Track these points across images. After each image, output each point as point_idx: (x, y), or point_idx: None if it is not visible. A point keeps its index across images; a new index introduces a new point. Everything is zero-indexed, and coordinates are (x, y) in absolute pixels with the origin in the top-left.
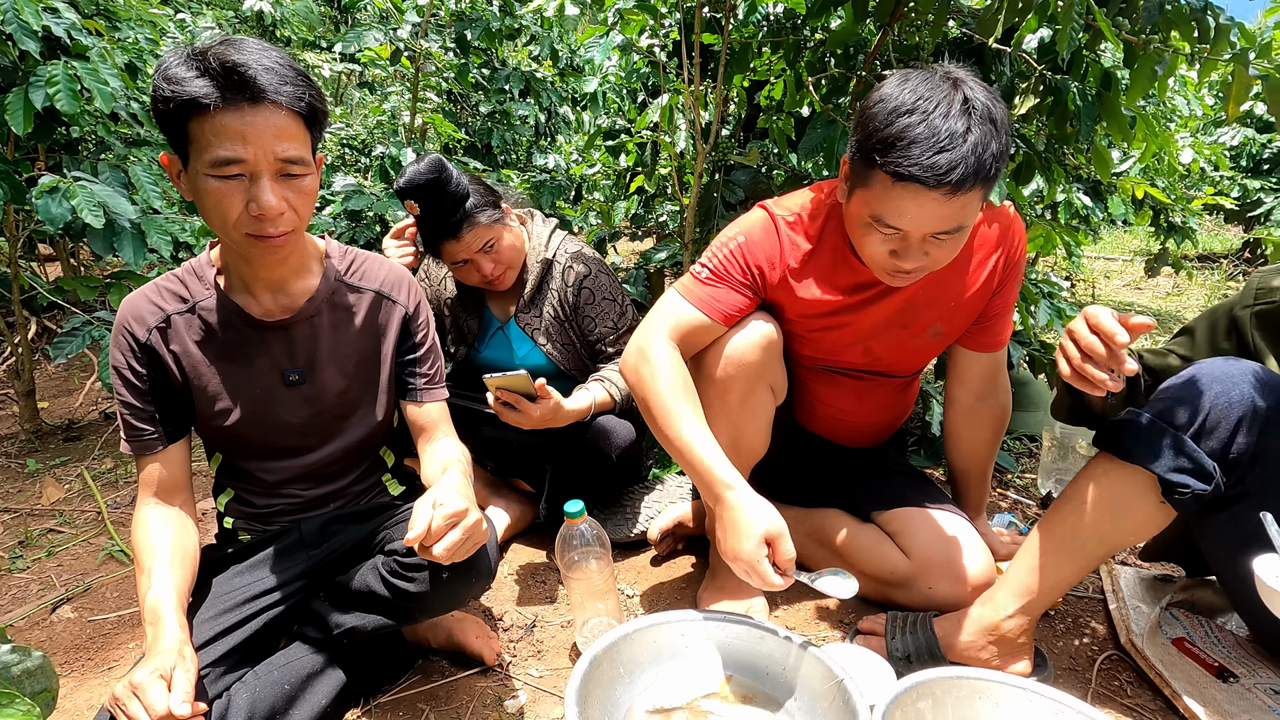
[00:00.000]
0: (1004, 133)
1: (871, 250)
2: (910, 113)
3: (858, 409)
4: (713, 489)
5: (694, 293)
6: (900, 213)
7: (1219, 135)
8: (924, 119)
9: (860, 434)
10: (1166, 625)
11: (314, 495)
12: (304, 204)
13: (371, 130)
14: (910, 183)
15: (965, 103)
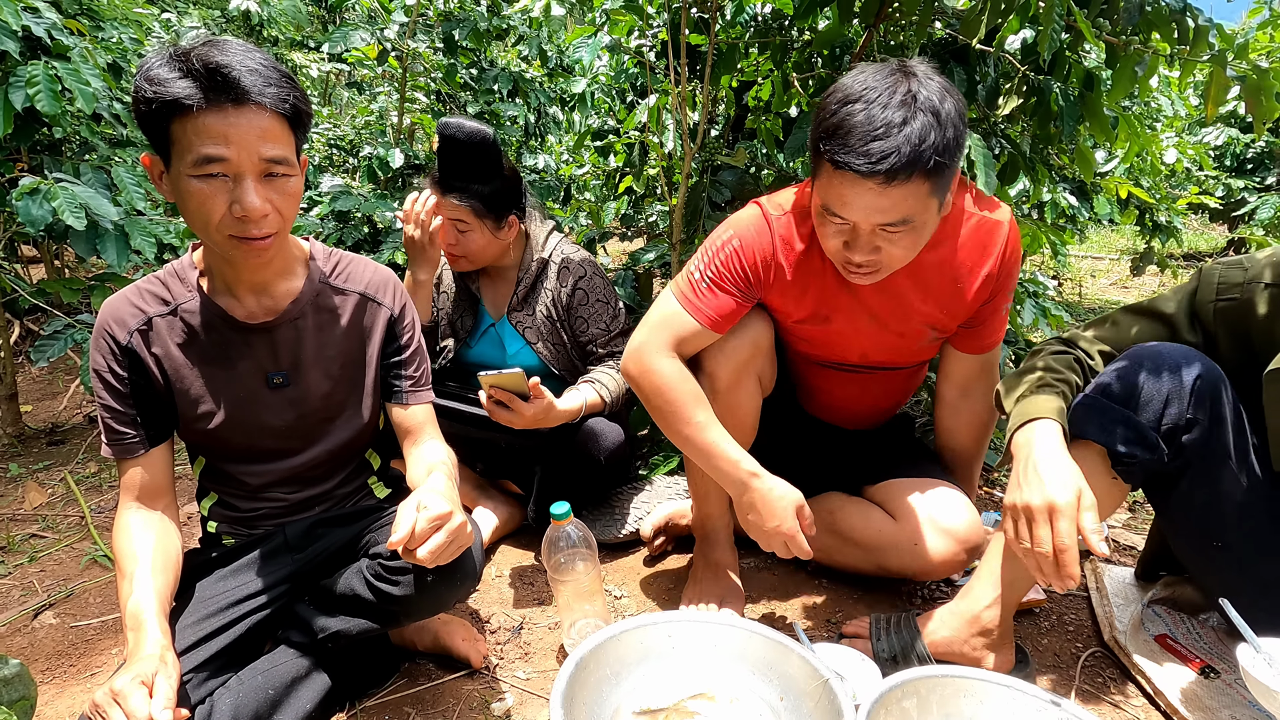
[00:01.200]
0: (950, 126)
1: (827, 243)
2: (854, 101)
3: (861, 397)
4: (740, 480)
5: (692, 302)
6: (842, 202)
7: (1203, 135)
8: (865, 108)
9: (863, 418)
10: (1149, 622)
11: (298, 499)
12: (288, 205)
13: (359, 130)
14: (846, 170)
15: (908, 93)
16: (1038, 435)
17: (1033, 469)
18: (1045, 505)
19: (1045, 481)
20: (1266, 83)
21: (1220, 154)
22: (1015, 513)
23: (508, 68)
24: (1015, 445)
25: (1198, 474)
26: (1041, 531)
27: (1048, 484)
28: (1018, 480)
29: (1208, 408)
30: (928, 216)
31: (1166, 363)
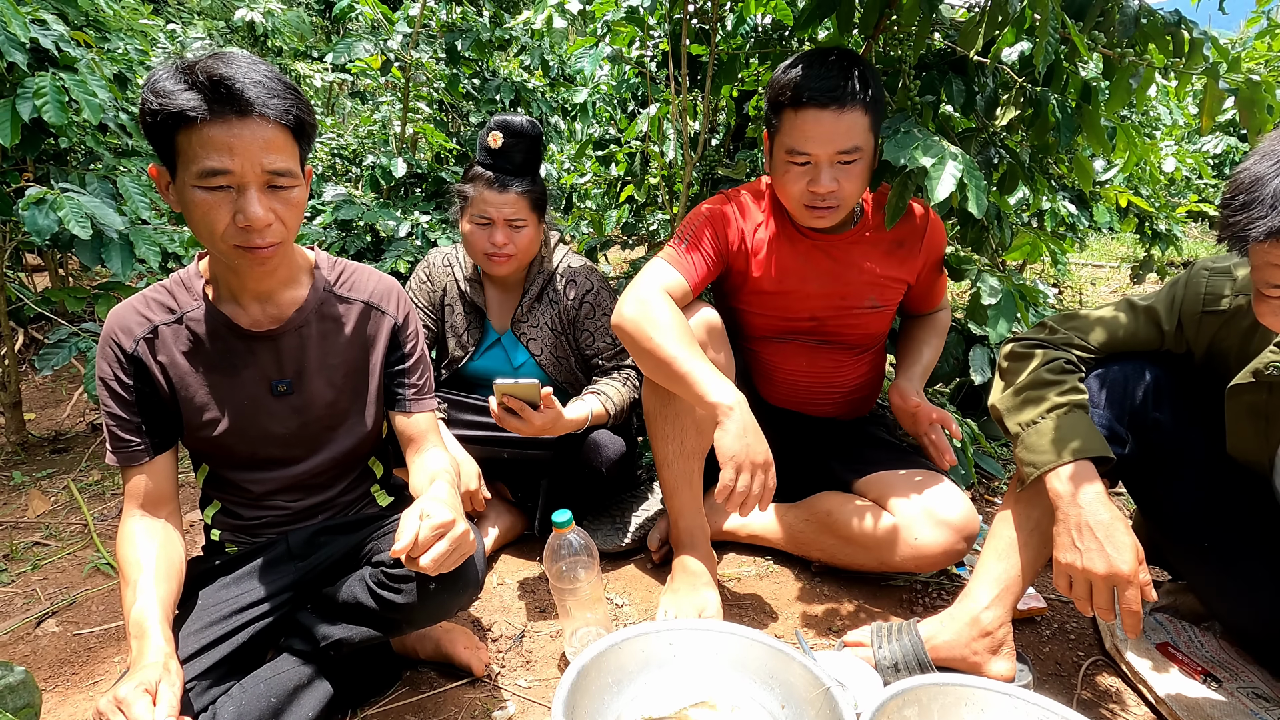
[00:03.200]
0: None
1: (790, 188)
2: (799, 65)
3: (810, 369)
4: (721, 402)
5: (676, 260)
6: (805, 136)
7: (1202, 144)
8: (809, 66)
9: (822, 399)
10: (1150, 630)
11: (302, 506)
12: (292, 216)
13: (362, 140)
14: (808, 107)
15: (839, 57)
16: (1080, 489)
17: (1089, 533)
18: (1108, 575)
19: (1106, 550)
20: (1259, 95)
21: (1219, 162)
22: (1075, 574)
23: (510, 78)
24: (1055, 494)
25: (1173, 473)
26: (1104, 599)
27: (1110, 553)
28: (1072, 542)
29: (1170, 408)
30: (869, 149)
31: (1129, 369)
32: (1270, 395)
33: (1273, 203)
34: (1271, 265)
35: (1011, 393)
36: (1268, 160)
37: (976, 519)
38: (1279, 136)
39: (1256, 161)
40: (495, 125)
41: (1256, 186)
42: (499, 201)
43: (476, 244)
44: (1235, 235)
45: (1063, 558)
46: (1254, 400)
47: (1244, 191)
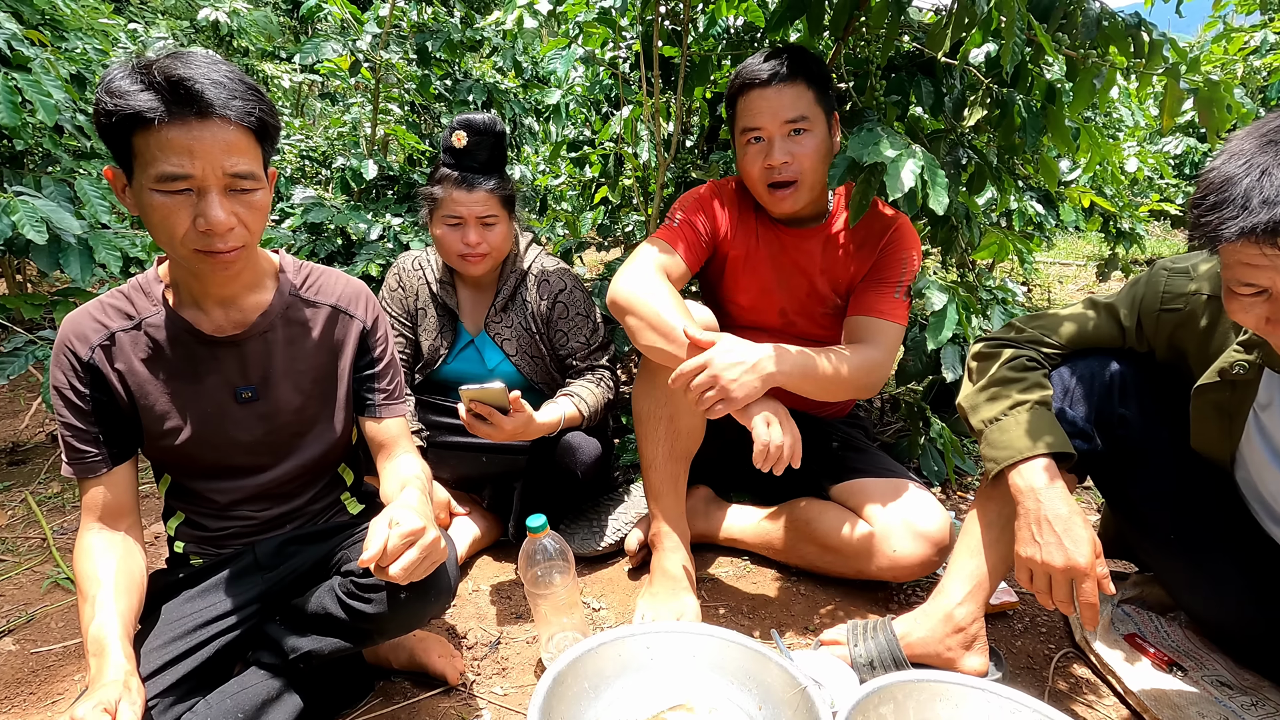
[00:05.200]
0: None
1: (750, 169)
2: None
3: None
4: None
5: (669, 232)
6: (754, 113)
7: (1163, 144)
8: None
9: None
10: (1118, 622)
11: (269, 516)
12: (255, 219)
13: (332, 142)
14: (752, 88)
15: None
16: (1040, 484)
17: (1048, 527)
18: (1066, 568)
19: (1064, 543)
20: (1217, 94)
21: (1180, 162)
22: (1034, 567)
23: (483, 79)
24: (1016, 489)
25: (1138, 467)
26: (1063, 593)
27: (1068, 546)
28: (1032, 535)
29: (1135, 404)
30: (820, 124)
31: (1095, 365)
32: (1233, 393)
33: (1243, 202)
34: (1243, 264)
35: (976, 390)
36: (1237, 160)
37: (951, 529)
38: (1246, 135)
39: (1225, 161)
40: (458, 125)
41: (1227, 186)
42: (469, 200)
43: (449, 245)
44: (1207, 235)
45: (1023, 551)
46: (1218, 399)
47: (1214, 192)
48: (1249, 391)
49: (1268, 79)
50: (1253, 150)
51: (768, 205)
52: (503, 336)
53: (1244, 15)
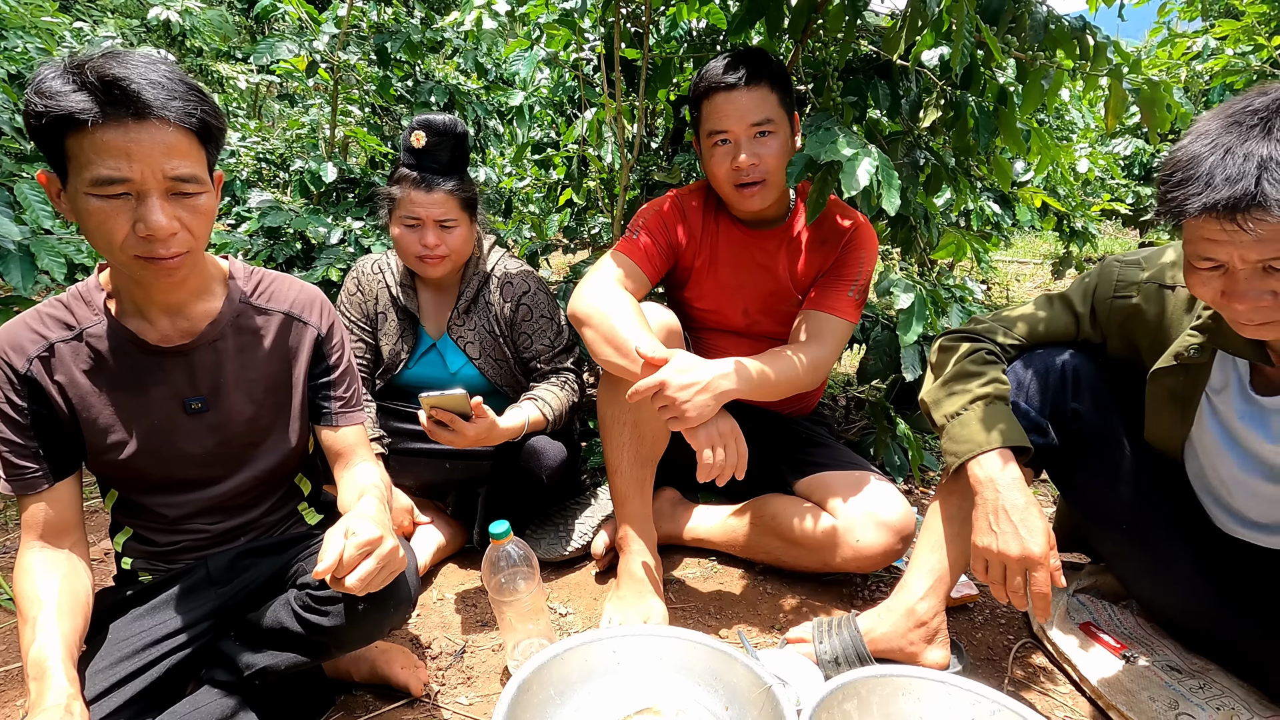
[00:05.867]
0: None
1: (717, 170)
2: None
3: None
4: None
5: (628, 245)
6: (720, 116)
7: (1113, 145)
8: (717, 62)
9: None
10: (1074, 611)
11: (222, 529)
12: (199, 224)
13: (290, 144)
14: (716, 92)
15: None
16: (998, 475)
17: (1004, 517)
18: (1021, 557)
19: (1020, 533)
20: (1158, 95)
21: (1129, 163)
22: (990, 557)
23: (445, 80)
24: (975, 480)
25: (1091, 459)
26: (1017, 580)
27: (1024, 536)
28: (989, 525)
29: (1088, 398)
30: (783, 126)
31: (1048, 360)
32: (1187, 377)
33: (1207, 179)
34: (1203, 239)
35: (938, 385)
36: (1203, 140)
37: (914, 519)
38: (1212, 116)
39: (1193, 140)
40: (417, 125)
41: (1193, 164)
42: (427, 202)
43: (408, 247)
44: (1172, 210)
45: (979, 541)
46: (1173, 384)
47: (1181, 169)
48: (1202, 375)
49: (1209, 82)
50: (1218, 130)
51: (735, 204)
52: (465, 340)
53: (1187, 21)
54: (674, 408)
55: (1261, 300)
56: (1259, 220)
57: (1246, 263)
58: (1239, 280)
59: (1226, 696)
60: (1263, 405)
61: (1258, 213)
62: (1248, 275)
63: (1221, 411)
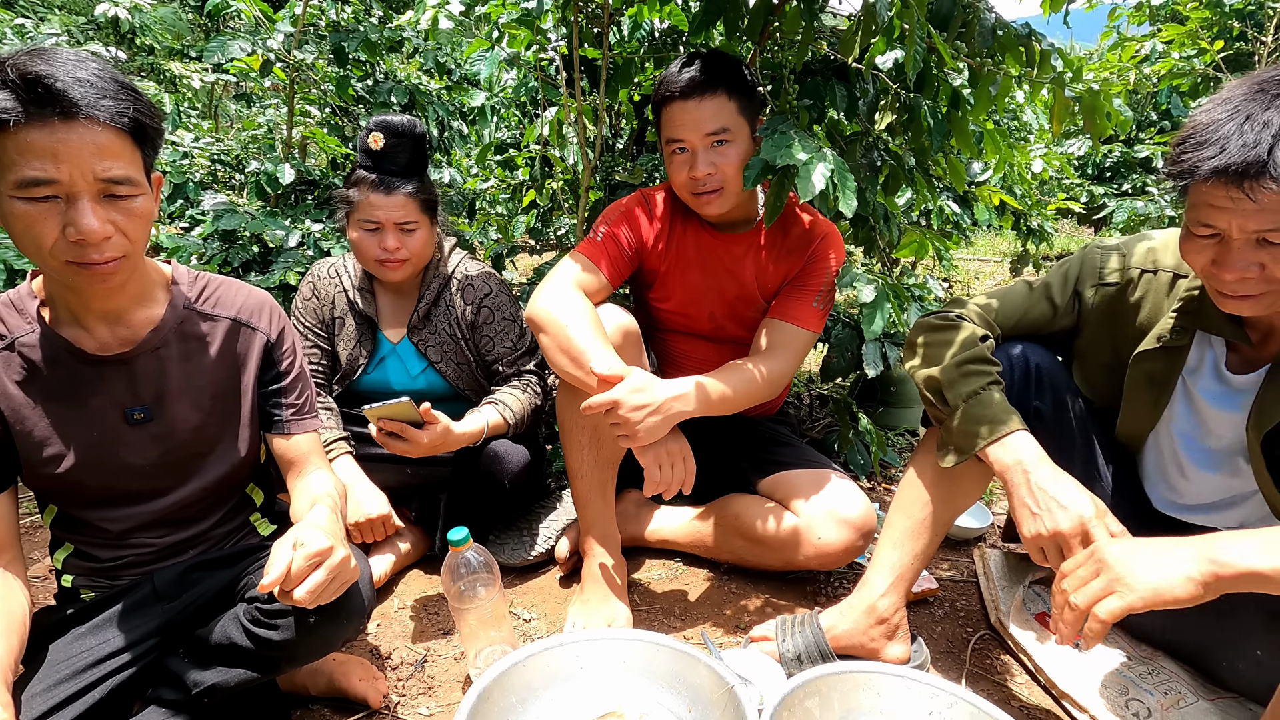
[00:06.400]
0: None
1: (676, 177)
2: (671, 67)
3: (717, 359)
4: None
5: (590, 247)
6: (677, 125)
7: (1068, 146)
8: (676, 67)
9: None
10: (1030, 601)
11: (169, 542)
12: (135, 228)
13: (245, 145)
14: (676, 99)
15: (706, 56)
16: (1026, 454)
17: (1044, 494)
18: (1075, 528)
19: (1064, 503)
20: (1098, 102)
21: (1083, 164)
22: (1044, 542)
23: (407, 80)
24: (1001, 465)
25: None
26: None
27: (1069, 505)
28: (1030, 509)
29: (1049, 396)
30: (742, 133)
31: (1014, 357)
32: (1167, 359)
33: (1223, 144)
34: (1207, 205)
35: (954, 365)
36: (1226, 105)
37: (875, 515)
38: (1239, 84)
39: (1214, 106)
40: (375, 126)
41: (1212, 128)
42: (386, 205)
43: (366, 250)
44: (1183, 171)
45: (1027, 531)
46: (1152, 367)
47: (1199, 132)
48: (1180, 358)
49: (1157, 85)
50: (1241, 97)
51: (695, 209)
52: (426, 344)
53: (1136, 26)
54: (625, 427)
55: (1249, 271)
56: (1264, 189)
57: (1244, 232)
58: (1232, 250)
59: (1174, 681)
60: (1235, 384)
61: (1266, 181)
62: (1241, 245)
63: (1193, 389)
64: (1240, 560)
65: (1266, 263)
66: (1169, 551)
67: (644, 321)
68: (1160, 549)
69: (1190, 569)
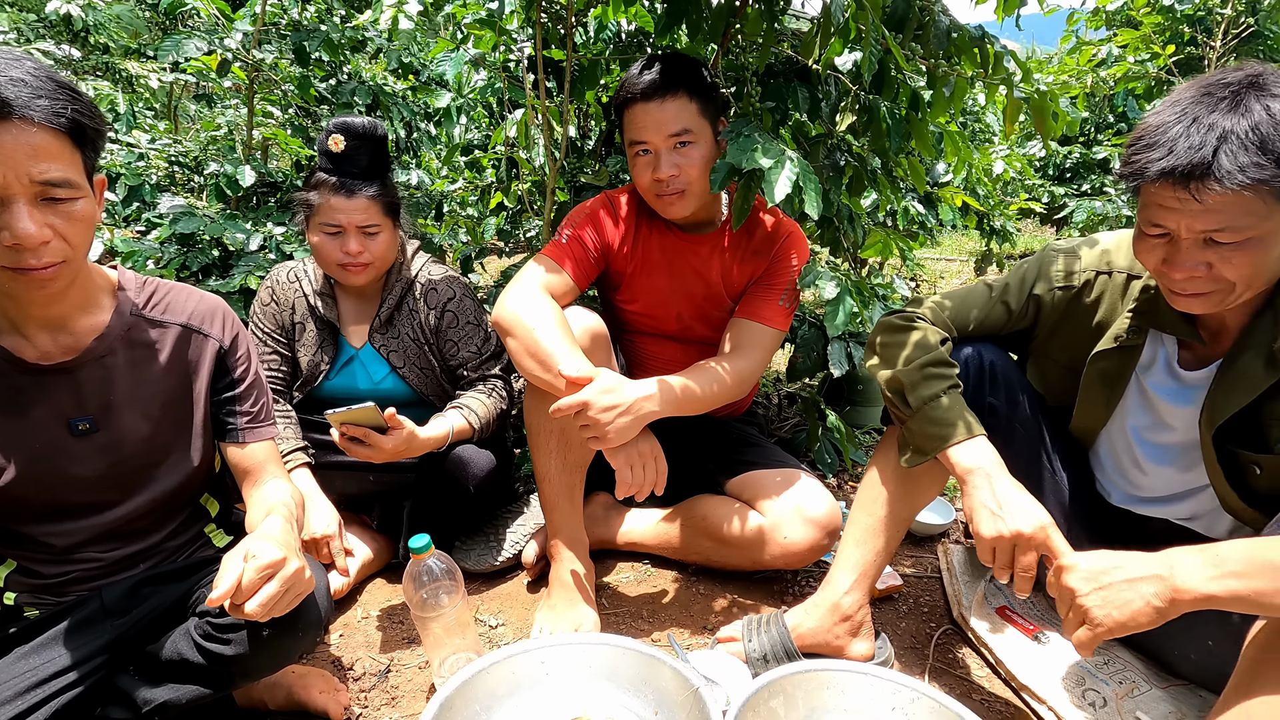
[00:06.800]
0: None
1: (639, 179)
2: (632, 69)
3: (685, 360)
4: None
5: (556, 249)
6: (639, 127)
7: (1030, 148)
8: (637, 69)
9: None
10: (991, 596)
11: (118, 556)
12: (76, 232)
13: (204, 146)
14: (637, 102)
15: (667, 58)
16: (989, 460)
17: (1004, 497)
18: (1034, 531)
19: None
20: (1046, 104)
21: (1044, 165)
22: (1000, 543)
23: (373, 79)
24: (962, 468)
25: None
26: (1028, 558)
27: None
28: (991, 511)
29: (1003, 393)
30: (705, 134)
31: (971, 355)
32: (1121, 358)
33: (1170, 146)
34: (1157, 205)
35: (917, 367)
36: (1175, 108)
37: (840, 513)
38: (1188, 87)
39: (1164, 109)
40: (335, 128)
41: (1160, 131)
42: (348, 208)
43: (328, 255)
44: (1133, 173)
45: (985, 531)
46: (1107, 366)
47: (1148, 134)
48: (1134, 355)
49: (1114, 87)
50: (1189, 100)
51: (659, 210)
52: (389, 349)
53: (1094, 30)
54: (595, 428)
55: (1197, 270)
56: (1209, 190)
57: (1192, 232)
58: (1181, 249)
59: (1128, 671)
60: (1187, 380)
61: (1209, 183)
62: (1189, 245)
63: (1146, 386)
64: (1199, 588)
65: (1214, 262)
66: (1134, 584)
67: (612, 324)
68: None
69: (1153, 599)
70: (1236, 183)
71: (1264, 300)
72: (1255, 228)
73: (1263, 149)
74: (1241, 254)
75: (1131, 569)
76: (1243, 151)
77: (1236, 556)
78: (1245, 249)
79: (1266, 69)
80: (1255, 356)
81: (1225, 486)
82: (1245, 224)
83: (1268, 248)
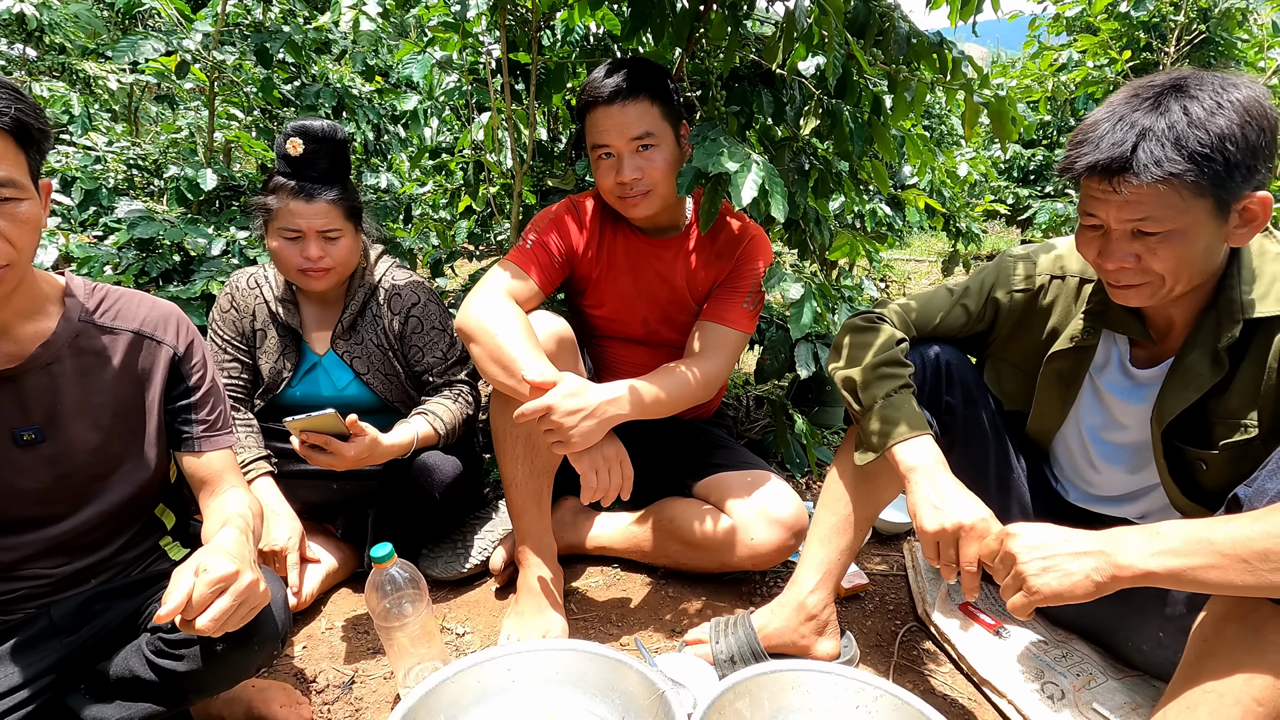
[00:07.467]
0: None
1: (603, 182)
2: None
3: (652, 363)
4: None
5: (520, 255)
6: (601, 130)
7: (995, 150)
8: (598, 73)
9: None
10: (954, 593)
11: (67, 572)
12: (20, 234)
13: (165, 149)
14: (599, 105)
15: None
16: (933, 458)
17: (945, 492)
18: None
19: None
20: (1004, 108)
21: (1009, 167)
22: (943, 537)
23: (340, 81)
24: (907, 465)
25: (960, 447)
26: (972, 550)
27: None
28: (933, 505)
29: (959, 392)
30: (667, 137)
31: (929, 355)
32: (1076, 358)
33: (1096, 142)
34: (1090, 197)
35: (869, 367)
36: (1108, 108)
37: (806, 514)
38: (1122, 90)
39: (1101, 110)
40: (293, 131)
41: (1092, 129)
42: (308, 213)
43: (288, 260)
44: (1065, 168)
45: (928, 524)
46: (1062, 366)
47: (1083, 132)
48: (1088, 356)
49: (1074, 91)
50: (1120, 101)
51: (622, 211)
52: (352, 355)
53: (1055, 36)
54: (560, 432)
55: (1126, 261)
56: (1127, 183)
57: (1119, 223)
58: (1111, 240)
59: (1085, 663)
60: (1139, 378)
61: (1128, 176)
62: (1119, 237)
63: (1100, 385)
64: (1138, 564)
65: (1141, 254)
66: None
67: (578, 328)
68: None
69: (1093, 573)
70: (1153, 176)
71: (1208, 298)
72: (1175, 220)
73: (1178, 146)
74: (1166, 246)
75: (1076, 543)
76: (1159, 147)
77: (1176, 535)
78: (1169, 241)
79: (1194, 74)
80: (1202, 355)
81: (1172, 484)
82: (1165, 215)
83: (1190, 241)
